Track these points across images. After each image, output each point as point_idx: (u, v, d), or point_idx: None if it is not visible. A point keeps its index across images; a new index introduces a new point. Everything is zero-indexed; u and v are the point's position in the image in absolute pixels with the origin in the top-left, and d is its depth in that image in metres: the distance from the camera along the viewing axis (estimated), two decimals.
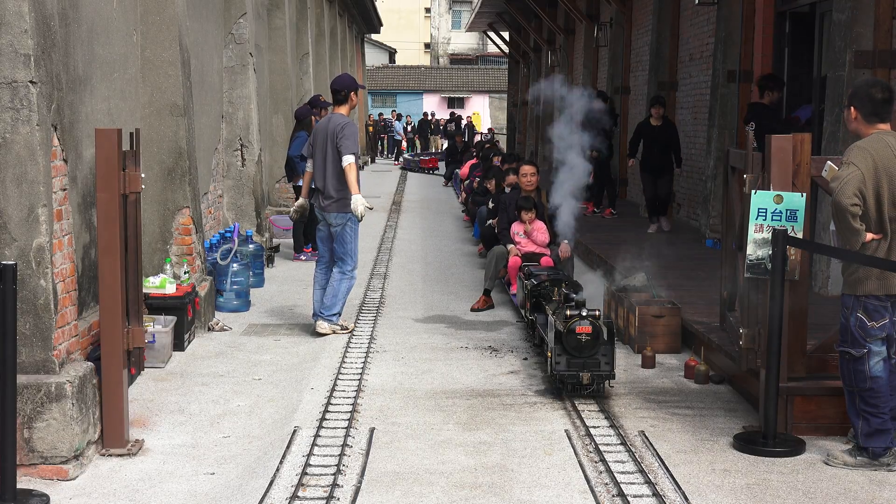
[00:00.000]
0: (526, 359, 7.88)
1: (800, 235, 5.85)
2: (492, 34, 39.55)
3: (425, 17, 69.07)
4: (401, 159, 38.25)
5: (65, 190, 5.79)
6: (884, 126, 5.51)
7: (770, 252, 5.78)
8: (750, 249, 5.90)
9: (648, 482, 5.24)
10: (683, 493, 5.11)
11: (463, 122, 43.93)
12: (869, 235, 5.42)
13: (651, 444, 5.86)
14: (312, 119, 12.82)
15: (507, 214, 9.93)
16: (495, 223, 10.74)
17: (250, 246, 10.46)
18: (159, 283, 7.84)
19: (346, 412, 6.39)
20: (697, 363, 7.29)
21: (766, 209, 5.84)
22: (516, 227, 9.75)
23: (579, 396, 6.72)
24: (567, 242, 9.56)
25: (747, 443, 5.81)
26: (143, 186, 6.39)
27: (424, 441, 5.92)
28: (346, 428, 6.07)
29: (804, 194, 5.89)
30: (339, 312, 8.65)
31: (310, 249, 12.95)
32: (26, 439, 5.28)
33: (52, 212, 5.50)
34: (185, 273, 8.18)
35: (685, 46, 15.75)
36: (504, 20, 34.87)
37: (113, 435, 5.73)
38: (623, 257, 10.94)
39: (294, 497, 5.03)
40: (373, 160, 39.82)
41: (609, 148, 16.54)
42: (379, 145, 44.52)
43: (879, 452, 5.49)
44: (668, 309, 8.14)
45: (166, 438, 6.02)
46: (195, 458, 5.72)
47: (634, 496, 5.05)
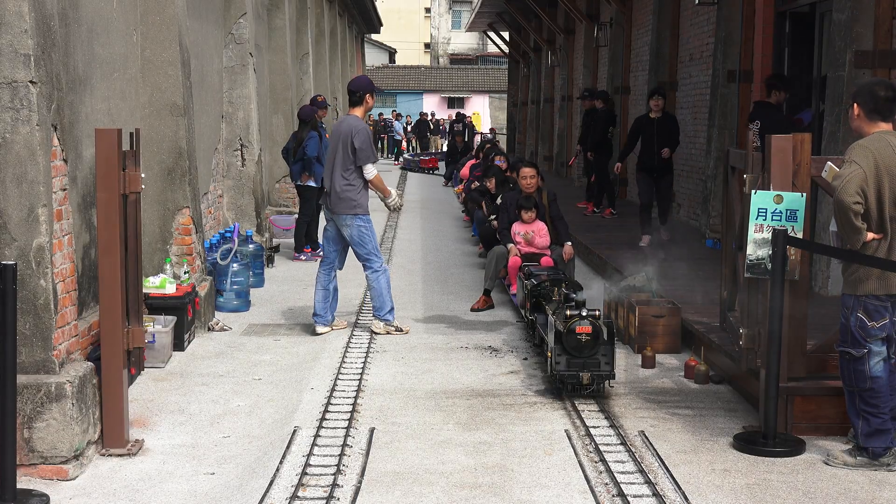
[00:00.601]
0: (526, 359, 7.88)
1: (800, 235, 5.85)
2: (492, 34, 39.52)
3: (425, 17, 69.07)
4: (401, 159, 38.23)
5: (65, 190, 5.79)
6: (886, 125, 5.51)
7: (770, 252, 5.78)
8: (750, 249, 5.90)
9: (648, 482, 5.24)
10: (683, 493, 5.11)
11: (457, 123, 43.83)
12: (870, 235, 5.42)
13: (651, 444, 5.86)
14: (317, 117, 12.95)
15: (507, 214, 9.93)
16: (495, 222, 10.74)
17: (250, 246, 10.46)
18: (159, 283, 7.84)
19: (346, 412, 6.39)
20: (697, 363, 7.29)
21: (766, 209, 5.84)
22: (517, 228, 9.74)
23: (579, 396, 6.72)
24: (570, 244, 9.58)
25: (747, 443, 5.81)
26: (143, 186, 6.39)
27: (424, 441, 5.92)
28: (346, 428, 6.07)
29: (804, 194, 5.89)
30: (392, 308, 8.73)
31: (309, 249, 12.96)
32: (26, 439, 5.29)
33: (52, 212, 5.50)
34: (185, 273, 8.19)
35: (685, 46, 15.75)
36: (504, 20, 34.86)
37: (113, 435, 5.73)
38: (623, 257, 10.94)
39: (294, 497, 5.03)
40: None
41: (609, 148, 16.56)
42: (379, 145, 44.51)
43: (879, 452, 5.49)
44: (668, 309, 8.14)
45: (166, 438, 6.02)
46: (195, 458, 5.72)
47: (634, 496, 5.05)
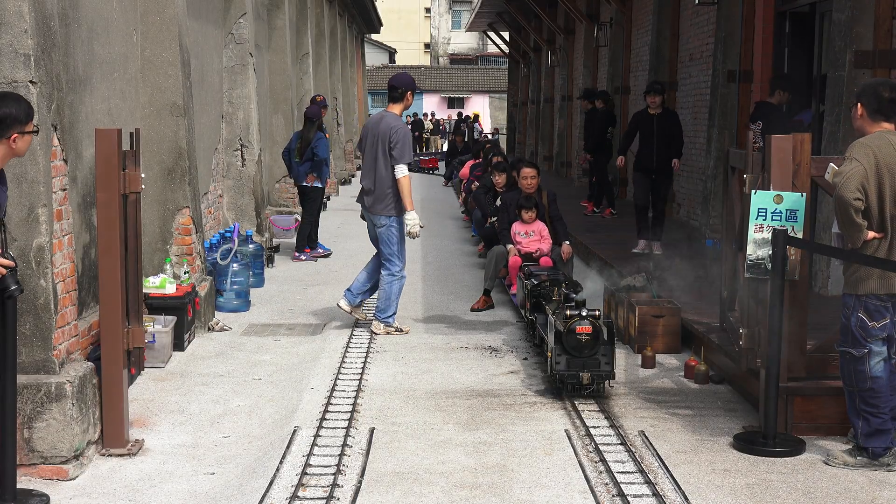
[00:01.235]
0: (526, 359, 7.88)
1: (800, 235, 5.85)
2: (492, 34, 39.53)
3: (425, 17, 69.07)
4: None
5: (65, 190, 5.79)
6: (888, 125, 5.51)
7: (770, 252, 5.78)
8: (750, 249, 5.89)
9: (648, 482, 5.24)
10: (683, 493, 5.10)
11: (463, 123, 43.80)
12: (870, 234, 5.42)
13: (651, 444, 5.86)
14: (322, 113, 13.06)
15: (507, 214, 9.92)
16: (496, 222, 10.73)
17: (250, 246, 10.46)
18: (159, 283, 7.84)
19: (346, 412, 6.38)
20: (697, 363, 7.29)
21: (766, 209, 5.84)
22: (517, 227, 9.74)
23: (579, 396, 6.72)
24: (568, 244, 9.58)
25: (747, 443, 5.81)
26: (143, 186, 6.39)
27: (424, 441, 5.92)
28: (346, 428, 6.07)
29: (804, 194, 5.88)
30: (394, 313, 8.73)
31: (309, 250, 12.96)
32: (26, 439, 5.28)
33: (52, 212, 5.50)
34: (185, 273, 8.18)
35: (685, 46, 15.75)
36: (504, 20, 34.86)
37: (113, 435, 5.73)
38: (622, 258, 10.94)
39: (294, 497, 5.03)
40: None
41: (609, 149, 16.56)
42: None
43: (879, 452, 5.49)
44: (668, 309, 8.14)
45: (166, 438, 6.02)
46: (195, 458, 5.72)
47: (634, 496, 5.05)
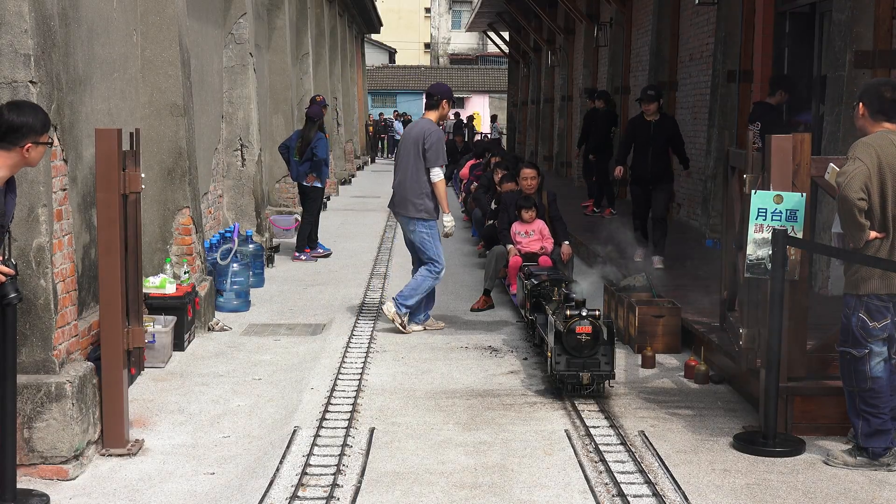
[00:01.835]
0: (526, 359, 7.88)
1: (800, 235, 5.85)
2: (492, 34, 39.53)
3: (425, 17, 69.04)
4: None
5: (65, 190, 5.79)
6: (890, 125, 5.51)
7: (770, 252, 5.78)
8: (750, 249, 5.89)
9: (648, 482, 5.24)
10: (683, 493, 5.11)
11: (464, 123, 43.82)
12: (872, 234, 5.42)
13: (651, 444, 5.86)
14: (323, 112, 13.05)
15: (507, 214, 9.93)
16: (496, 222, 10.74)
17: (250, 246, 10.46)
18: (159, 283, 7.84)
19: (346, 412, 6.38)
20: (697, 363, 7.29)
21: (766, 209, 5.84)
22: (517, 227, 9.74)
23: (579, 396, 6.72)
24: (567, 244, 9.59)
25: (747, 443, 5.81)
26: (143, 186, 6.39)
27: (424, 441, 5.92)
28: (346, 428, 6.07)
29: (804, 194, 5.89)
30: (412, 309, 8.77)
31: (309, 249, 12.96)
32: (26, 439, 5.28)
33: (52, 212, 5.50)
34: (185, 273, 8.18)
35: (685, 46, 15.75)
36: (504, 20, 34.86)
37: (113, 435, 5.73)
38: (623, 257, 10.94)
39: (294, 497, 5.03)
40: (373, 160, 39.80)
41: (610, 149, 16.56)
42: (379, 145, 44.50)
43: (879, 452, 5.49)
44: (668, 309, 8.14)
45: (166, 438, 6.02)
46: (195, 458, 5.72)
47: (634, 496, 5.05)
